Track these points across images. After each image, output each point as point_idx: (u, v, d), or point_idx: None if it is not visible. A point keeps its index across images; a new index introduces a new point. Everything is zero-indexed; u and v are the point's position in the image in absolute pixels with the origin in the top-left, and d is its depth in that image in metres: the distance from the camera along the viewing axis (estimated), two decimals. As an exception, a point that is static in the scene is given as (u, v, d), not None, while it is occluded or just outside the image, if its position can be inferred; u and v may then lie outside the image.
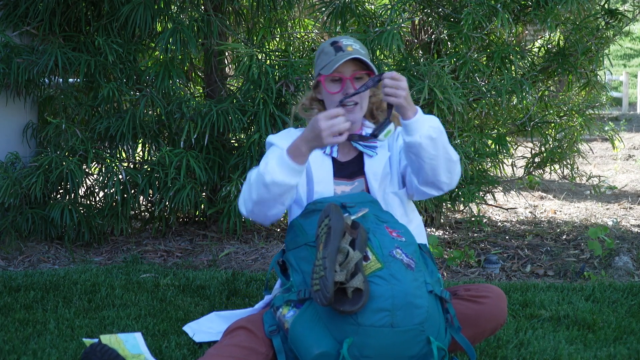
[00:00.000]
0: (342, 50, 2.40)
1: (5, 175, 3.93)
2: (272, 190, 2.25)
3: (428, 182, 2.36)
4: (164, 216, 4.35)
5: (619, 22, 4.14)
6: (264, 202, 2.29)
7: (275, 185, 2.24)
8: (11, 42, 4.07)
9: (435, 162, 2.30)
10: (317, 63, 2.49)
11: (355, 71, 2.41)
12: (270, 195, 2.27)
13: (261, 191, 2.26)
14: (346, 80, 2.40)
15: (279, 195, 2.26)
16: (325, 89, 2.43)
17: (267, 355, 2.22)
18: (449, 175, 2.35)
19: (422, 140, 2.26)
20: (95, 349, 2.31)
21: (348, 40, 2.44)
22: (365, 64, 2.40)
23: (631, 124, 11.13)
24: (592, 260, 3.89)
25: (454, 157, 2.34)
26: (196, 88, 4.71)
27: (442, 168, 2.32)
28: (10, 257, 3.93)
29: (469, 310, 2.34)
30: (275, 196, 2.27)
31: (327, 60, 2.41)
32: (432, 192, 2.40)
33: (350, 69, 2.41)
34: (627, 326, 2.81)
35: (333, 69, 2.38)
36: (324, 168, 2.46)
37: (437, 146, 2.28)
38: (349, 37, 2.48)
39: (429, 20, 4.29)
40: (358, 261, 2.11)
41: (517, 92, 3.95)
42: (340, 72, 2.40)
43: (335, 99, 2.42)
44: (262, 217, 2.37)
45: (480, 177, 4.24)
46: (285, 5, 4.30)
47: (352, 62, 2.41)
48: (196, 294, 3.23)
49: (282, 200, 2.30)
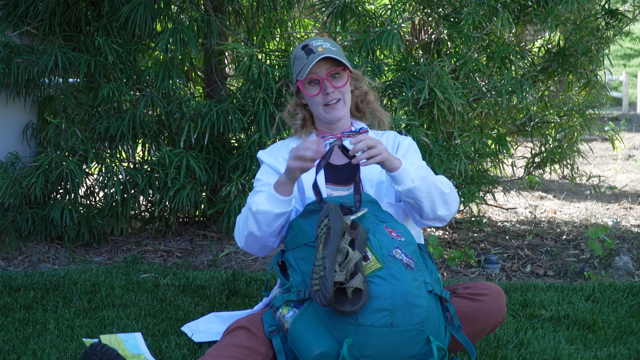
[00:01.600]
0: (313, 52, 2.45)
1: (5, 175, 3.93)
2: (259, 220, 2.36)
3: (430, 219, 2.43)
4: (164, 216, 4.35)
5: (619, 22, 4.14)
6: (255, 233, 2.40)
7: (260, 213, 2.35)
8: (11, 42, 4.07)
9: (431, 198, 2.36)
10: (293, 70, 2.55)
11: (330, 69, 2.46)
12: (259, 225, 2.37)
13: (251, 222, 2.38)
14: (323, 80, 2.45)
15: (266, 224, 2.37)
16: (305, 92, 2.49)
17: (267, 355, 2.23)
18: (447, 207, 2.41)
19: (415, 184, 2.33)
20: (95, 348, 2.31)
21: (318, 41, 2.49)
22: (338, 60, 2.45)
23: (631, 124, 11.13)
24: (592, 260, 3.89)
25: (447, 190, 2.39)
26: (196, 88, 4.71)
27: (439, 202, 2.38)
28: (10, 257, 3.93)
29: (468, 308, 2.35)
30: (263, 225, 2.37)
31: (300, 65, 2.47)
32: (436, 224, 2.47)
33: (325, 68, 2.46)
34: (627, 326, 2.81)
35: (307, 72, 2.43)
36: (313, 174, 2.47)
37: (429, 183, 2.35)
38: (319, 38, 2.53)
39: (429, 20, 4.29)
40: (358, 261, 2.11)
41: (517, 92, 3.95)
42: (316, 74, 2.45)
43: (317, 101, 2.48)
44: (257, 249, 2.48)
45: (480, 177, 4.24)
46: (285, 5, 4.30)
47: (325, 61, 2.45)
48: (196, 294, 3.23)
49: (272, 230, 2.39)
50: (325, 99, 2.47)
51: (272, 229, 2.38)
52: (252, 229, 2.39)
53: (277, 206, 2.34)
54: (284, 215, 2.37)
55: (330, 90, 2.46)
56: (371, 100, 2.60)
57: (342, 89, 2.48)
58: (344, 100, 2.50)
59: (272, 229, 2.39)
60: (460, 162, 3.85)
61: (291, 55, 2.54)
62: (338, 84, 2.47)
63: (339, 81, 2.48)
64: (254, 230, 2.39)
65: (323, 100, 2.47)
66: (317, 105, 2.49)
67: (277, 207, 2.34)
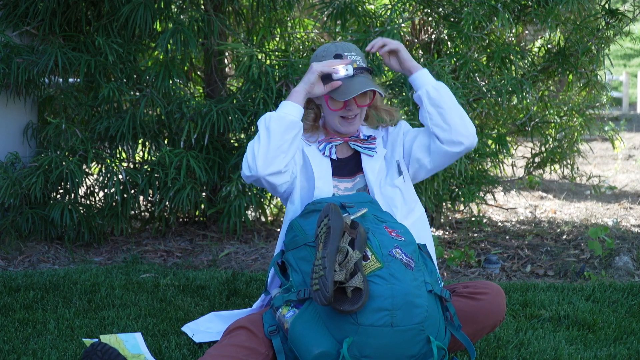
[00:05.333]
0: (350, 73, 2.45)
1: (5, 175, 3.93)
2: (272, 128, 2.34)
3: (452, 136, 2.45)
4: (164, 216, 4.35)
5: (619, 22, 4.14)
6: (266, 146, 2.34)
7: (274, 120, 2.35)
8: (11, 42, 4.07)
9: (453, 105, 2.45)
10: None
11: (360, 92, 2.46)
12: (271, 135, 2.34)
13: (263, 134, 2.35)
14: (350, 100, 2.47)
15: (278, 132, 2.34)
16: (329, 106, 2.50)
17: (267, 355, 2.23)
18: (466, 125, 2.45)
19: (436, 85, 2.45)
20: (96, 348, 2.31)
21: (351, 52, 2.50)
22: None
23: (631, 124, 11.13)
24: (592, 260, 3.89)
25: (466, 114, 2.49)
26: (196, 88, 4.71)
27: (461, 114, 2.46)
28: (10, 257, 3.93)
29: (467, 307, 2.35)
30: (275, 134, 2.33)
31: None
32: (456, 148, 2.47)
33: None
34: (627, 326, 2.81)
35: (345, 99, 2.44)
36: (323, 166, 2.51)
37: (449, 93, 2.47)
38: (349, 45, 2.51)
39: (429, 20, 4.28)
40: (357, 261, 2.11)
41: (517, 92, 3.95)
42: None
43: (336, 112, 2.49)
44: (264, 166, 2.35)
45: (480, 177, 4.25)
46: (285, 5, 4.30)
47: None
48: (196, 294, 3.23)
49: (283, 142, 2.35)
50: (345, 112, 2.50)
51: (284, 140, 2.35)
52: (263, 140, 2.35)
53: (290, 111, 2.38)
54: (295, 128, 2.37)
55: (353, 107, 2.49)
56: (379, 106, 2.62)
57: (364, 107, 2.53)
58: (360, 115, 2.54)
59: (283, 140, 2.35)
60: (460, 162, 3.85)
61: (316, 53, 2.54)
62: (363, 103, 2.51)
63: (364, 100, 2.51)
64: (264, 142, 2.35)
65: (342, 112, 2.50)
66: (334, 116, 2.52)
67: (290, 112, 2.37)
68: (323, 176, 2.49)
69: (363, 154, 2.54)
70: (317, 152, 2.54)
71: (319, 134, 2.58)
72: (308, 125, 2.56)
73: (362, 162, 2.53)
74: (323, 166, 2.51)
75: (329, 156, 2.53)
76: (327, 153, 2.53)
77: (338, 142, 2.55)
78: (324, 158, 2.53)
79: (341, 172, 2.54)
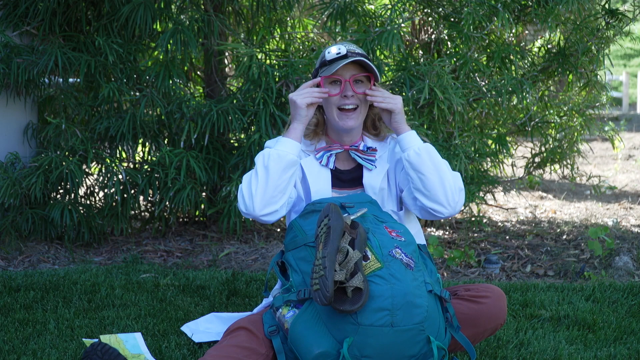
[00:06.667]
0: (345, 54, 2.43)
1: (5, 176, 3.93)
2: (270, 166, 2.33)
3: (434, 202, 2.37)
4: (164, 216, 4.35)
5: (619, 22, 4.14)
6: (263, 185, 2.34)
7: (273, 159, 2.34)
8: (11, 42, 4.07)
9: (439, 175, 2.35)
10: (317, 68, 2.52)
11: (355, 74, 2.44)
12: (269, 173, 2.33)
13: (261, 172, 2.35)
14: (345, 82, 2.42)
15: (276, 171, 2.33)
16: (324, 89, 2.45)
17: (267, 355, 2.23)
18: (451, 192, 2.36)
19: (421, 152, 2.35)
20: (96, 348, 2.31)
21: (351, 46, 2.47)
22: (365, 67, 2.43)
23: (631, 124, 11.13)
24: (592, 260, 3.89)
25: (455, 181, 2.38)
26: (196, 88, 4.71)
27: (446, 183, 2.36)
28: (10, 257, 3.93)
29: (469, 310, 2.35)
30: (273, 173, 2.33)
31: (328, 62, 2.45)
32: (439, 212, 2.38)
33: (350, 72, 2.44)
34: (627, 326, 2.81)
35: (333, 70, 2.40)
36: (321, 180, 2.48)
37: (436, 159, 2.37)
38: (351, 44, 2.50)
39: (429, 20, 4.29)
40: (357, 261, 2.11)
41: (517, 92, 3.95)
42: (340, 75, 2.43)
43: (334, 101, 2.45)
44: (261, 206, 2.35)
45: (480, 177, 4.24)
46: (285, 6, 4.30)
47: (352, 65, 2.44)
48: (196, 294, 3.23)
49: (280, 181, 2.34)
50: (343, 101, 2.44)
51: (282, 179, 2.35)
52: (261, 179, 2.34)
53: (289, 149, 2.36)
54: (294, 166, 2.36)
55: (349, 94, 2.43)
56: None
57: (361, 97, 2.45)
58: (359, 110, 2.47)
59: (281, 180, 2.35)
60: (460, 162, 3.85)
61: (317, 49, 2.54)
62: (359, 90, 2.45)
63: (361, 87, 2.45)
64: (262, 182, 2.34)
65: (340, 101, 2.45)
66: (332, 107, 2.45)
67: (289, 151, 2.35)
68: (320, 189, 2.46)
69: (364, 167, 2.49)
70: (315, 163, 2.50)
71: (318, 141, 2.54)
72: (309, 130, 2.53)
73: (364, 177, 2.48)
74: (321, 179, 2.47)
75: (327, 166, 2.49)
76: (325, 162, 2.48)
77: (338, 150, 2.50)
78: (322, 170, 2.49)
79: (342, 184, 2.51)
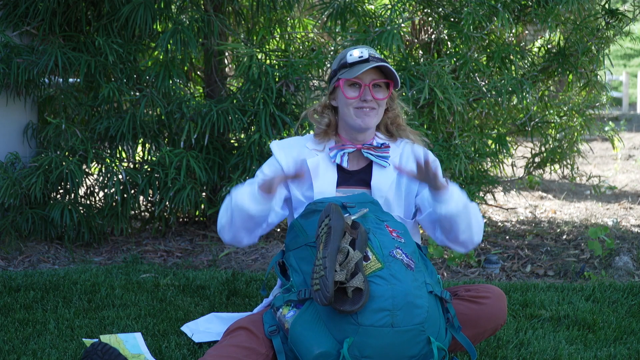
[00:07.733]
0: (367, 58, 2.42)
1: (5, 176, 3.93)
2: (234, 214, 2.36)
3: (457, 242, 2.40)
4: (164, 216, 4.35)
5: (619, 22, 4.14)
6: (229, 223, 2.40)
7: (237, 208, 2.35)
8: (11, 42, 4.07)
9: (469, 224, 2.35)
10: (334, 68, 2.50)
11: (375, 79, 2.43)
12: (233, 218, 2.37)
13: (227, 211, 2.40)
14: (365, 86, 2.42)
15: (240, 218, 2.36)
16: (344, 93, 2.44)
17: (267, 355, 2.23)
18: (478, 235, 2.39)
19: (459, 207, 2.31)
20: (96, 348, 2.31)
21: (370, 50, 2.46)
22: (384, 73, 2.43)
23: (631, 124, 11.13)
24: (592, 260, 3.89)
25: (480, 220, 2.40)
26: (196, 88, 4.71)
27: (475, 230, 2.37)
28: (10, 257, 3.93)
29: (469, 311, 2.35)
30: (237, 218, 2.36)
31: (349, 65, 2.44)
32: (459, 249, 2.43)
33: (370, 76, 2.43)
34: (627, 326, 2.81)
35: (356, 74, 2.40)
36: (327, 179, 2.46)
37: (469, 210, 2.34)
38: (370, 48, 2.49)
39: (429, 20, 4.28)
40: (358, 261, 2.11)
41: (517, 92, 3.95)
42: (361, 79, 2.42)
43: (350, 103, 2.43)
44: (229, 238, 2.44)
45: (480, 177, 4.24)
46: (285, 6, 4.30)
47: (372, 70, 2.43)
48: (196, 294, 3.23)
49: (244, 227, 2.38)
50: (360, 104, 2.43)
51: (245, 226, 2.38)
52: (227, 218, 2.40)
53: (254, 205, 2.33)
54: (259, 218, 2.36)
55: (369, 98, 2.42)
56: (401, 124, 2.56)
57: (380, 101, 2.45)
58: (377, 111, 2.46)
59: (244, 226, 2.38)
60: (460, 162, 3.85)
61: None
62: (378, 95, 2.44)
63: (380, 93, 2.44)
64: (227, 220, 2.40)
65: (357, 104, 2.43)
66: (349, 107, 2.44)
67: (253, 206, 2.33)
68: (324, 190, 2.44)
69: (375, 163, 2.48)
70: (322, 163, 2.48)
71: (328, 141, 2.52)
72: (320, 130, 2.51)
73: (372, 179, 2.46)
74: (326, 179, 2.46)
75: (340, 163, 2.47)
76: (339, 160, 2.47)
77: (350, 149, 2.48)
78: (329, 168, 2.47)
79: (348, 183, 2.49)
